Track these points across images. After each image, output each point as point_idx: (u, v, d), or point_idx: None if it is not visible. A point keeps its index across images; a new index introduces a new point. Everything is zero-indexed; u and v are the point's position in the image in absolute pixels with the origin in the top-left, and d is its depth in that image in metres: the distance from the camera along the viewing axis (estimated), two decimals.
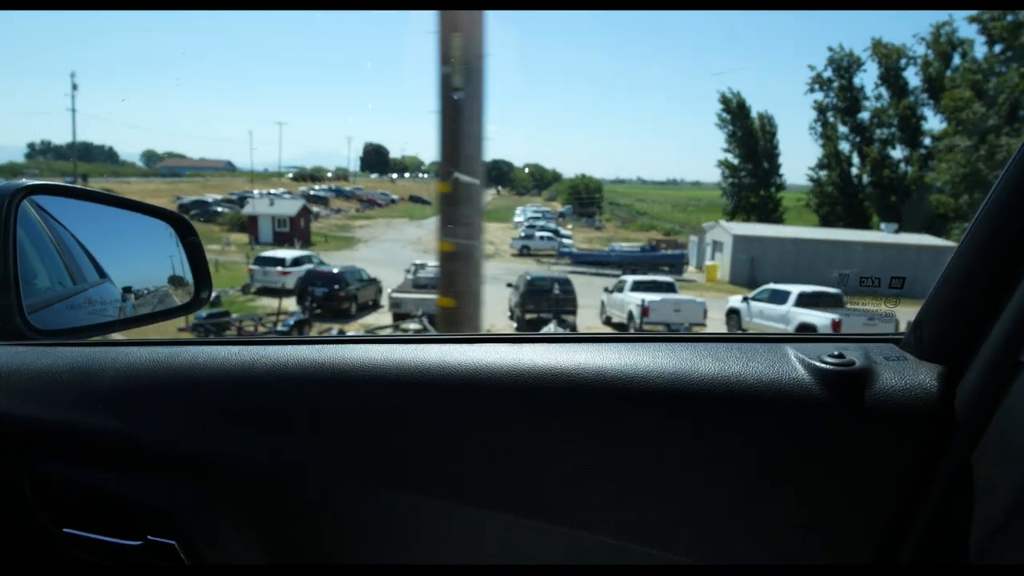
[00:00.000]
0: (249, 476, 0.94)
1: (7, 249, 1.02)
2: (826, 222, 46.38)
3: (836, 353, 0.87)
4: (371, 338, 1.03)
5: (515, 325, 17.60)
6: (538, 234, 42.25)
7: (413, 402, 0.91)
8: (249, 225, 38.99)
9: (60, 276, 1.28)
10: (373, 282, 20.44)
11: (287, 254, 23.79)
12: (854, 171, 48.68)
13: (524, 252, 39.61)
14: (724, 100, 56.00)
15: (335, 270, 19.50)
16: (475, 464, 0.90)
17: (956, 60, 42.27)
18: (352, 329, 16.61)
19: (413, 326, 15.93)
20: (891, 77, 46.52)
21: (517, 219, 62.32)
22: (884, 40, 46.66)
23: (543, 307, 17.00)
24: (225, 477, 0.95)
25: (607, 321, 18.82)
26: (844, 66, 48.06)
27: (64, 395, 0.96)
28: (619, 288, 18.94)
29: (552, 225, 50.78)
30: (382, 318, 18.43)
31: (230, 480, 0.95)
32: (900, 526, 0.82)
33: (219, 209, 45.52)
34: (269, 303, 20.19)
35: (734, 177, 56.33)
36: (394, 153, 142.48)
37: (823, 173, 49.84)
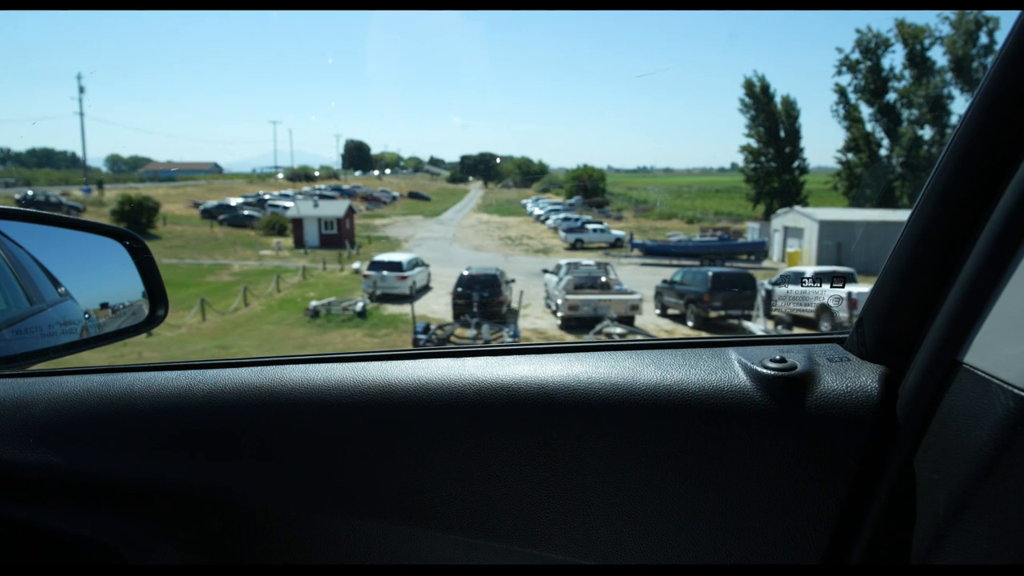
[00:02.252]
0: (190, 504, 0.92)
1: None
2: (855, 205, 46.50)
3: (778, 357, 0.87)
4: (310, 358, 0.98)
5: (691, 324, 16.68)
6: (590, 227, 41.39)
7: (353, 423, 0.89)
8: (294, 228, 37.25)
9: (15, 297, 1.24)
10: (508, 284, 19.32)
11: (402, 257, 22.46)
12: (883, 152, 48.92)
13: (578, 245, 38.76)
14: (748, 84, 55.92)
15: (488, 272, 18.29)
16: (418, 484, 0.89)
17: (983, 39, 42.66)
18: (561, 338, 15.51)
19: (617, 330, 14.89)
20: (917, 57, 46.71)
21: (536, 212, 61.25)
22: (908, 21, 46.84)
23: (732, 304, 16.08)
24: (166, 506, 0.92)
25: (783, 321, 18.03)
26: (872, 47, 48.11)
27: None
28: (784, 281, 18.08)
29: (584, 217, 49.96)
30: (539, 322, 17.33)
31: (171, 509, 0.92)
32: (847, 528, 0.82)
33: (246, 212, 43.45)
34: (398, 310, 18.90)
35: (755, 162, 56.41)
36: (374, 149, 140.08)
37: (851, 156, 49.77)
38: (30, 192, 41.52)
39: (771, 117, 55.45)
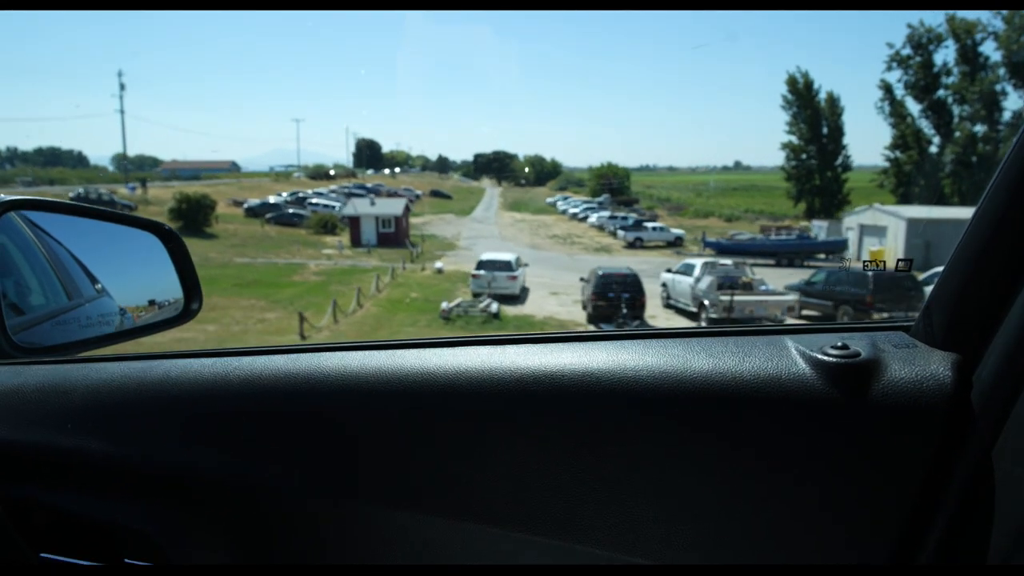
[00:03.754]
0: (224, 492, 0.92)
1: None
2: (904, 202, 45.77)
3: (840, 344, 0.82)
4: (347, 345, 0.97)
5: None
6: (649, 225, 40.68)
7: (390, 411, 0.88)
8: (351, 226, 36.35)
9: (54, 292, 1.27)
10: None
11: (509, 256, 21.64)
12: (932, 150, 48.24)
13: (637, 244, 38.04)
14: (791, 80, 55.13)
15: (624, 271, 17.46)
16: (456, 474, 0.87)
17: None
18: None
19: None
20: (969, 53, 46.01)
21: (571, 210, 60.39)
22: (959, 15, 46.10)
23: (897, 305, 15.28)
24: (200, 494, 0.93)
25: None
26: (923, 43, 47.41)
27: (33, 415, 0.94)
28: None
29: (631, 215, 49.20)
30: (678, 321, 16.51)
31: (205, 497, 0.93)
32: (917, 526, 0.77)
33: (291, 211, 42.53)
34: (515, 311, 18.04)
35: (796, 159, 55.67)
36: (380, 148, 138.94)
37: (899, 153, 49.05)
38: (81, 190, 40.69)
39: (815, 114, 54.69)
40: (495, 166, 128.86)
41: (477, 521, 0.87)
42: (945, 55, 47.73)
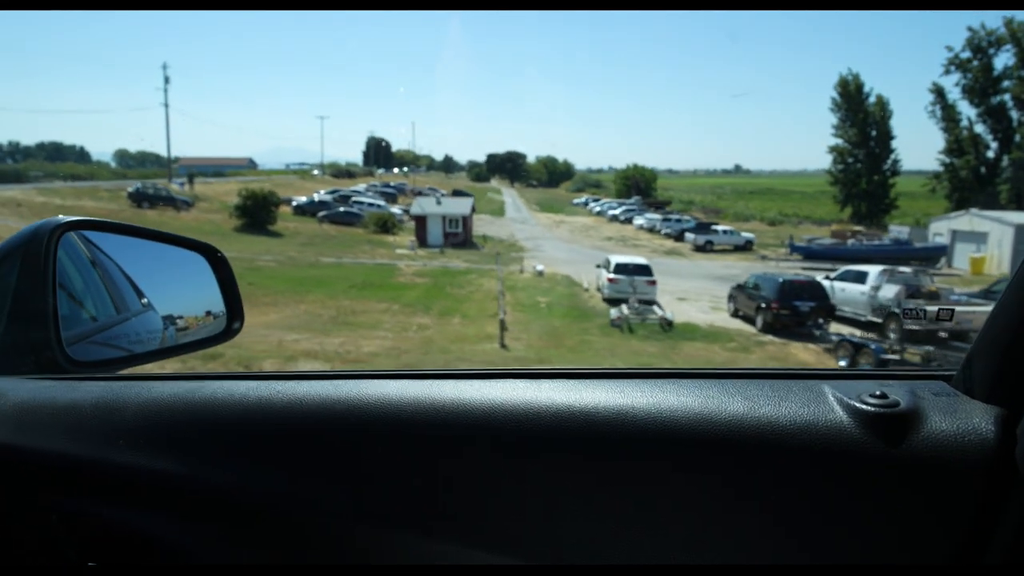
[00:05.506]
0: (263, 513, 0.95)
1: (47, 284, 1.08)
2: (960, 207, 44.98)
3: (878, 392, 0.80)
4: (385, 373, 1.01)
5: None
6: (719, 229, 39.72)
7: (429, 441, 0.89)
8: (417, 226, 35.05)
9: (105, 306, 1.34)
10: None
11: (643, 260, 20.44)
12: (990, 155, 47.43)
13: (707, 248, 37.02)
14: (842, 83, 54.25)
15: (806, 278, 16.31)
16: (488, 507, 0.88)
17: None
18: None
19: None
20: None
21: (611, 212, 59.30)
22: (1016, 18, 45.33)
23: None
24: (243, 515, 0.95)
25: None
26: (983, 46, 46.62)
27: (89, 430, 0.98)
28: None
29: (684, 216, 48.19)
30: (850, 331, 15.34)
31: (248, 518, 0.95)
32: None
33: (342, 209, 41.19)
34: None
35: (843, 163, 54.79)
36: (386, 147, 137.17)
37: (954, 159, 48.21)
38: (139, 184, 39.38)
39: (864, 117, 53.82)
40: (508, 166, 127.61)
41: (510, 555, 0.87)
42: (1005, 59, 46.60)
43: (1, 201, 28.87)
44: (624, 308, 16.75)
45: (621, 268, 19.47)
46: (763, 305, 15.87)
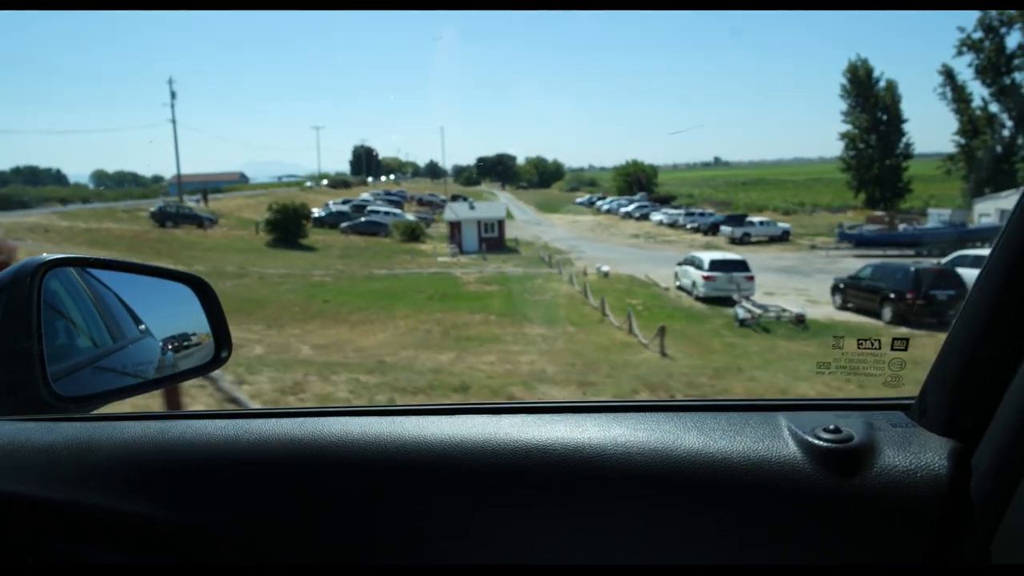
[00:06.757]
0: (229, 550, 0.95)
1: (30, 323, 1.06)
2: (978, 188, 44.80)
3: (832, 427, 0.80)
4: (347, 410, 1.01)
5: None
6: (755, 220, 39.07)
7: (390, 480, 0.90)
8: (451, 232, 33.94)
9: (101, 335, 1.34)
10: None
11: (736, 256, 19.55)
12: (1005, 133, 47.34)
13: (745, 240, 36.37)
14: (851, 69, 54.07)
15: (936, 266, 15.50)
16: (448, 548, 0.88)
17: None
18: None
19: None
20: None
21: (624, 210, 58.47)
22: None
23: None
24: (206, 552, 0.96)
25: None
26: (994, 25, 46.58)
27: (62, 472, 0.98)
28: None
29: (708, 211, 47.55)
30: None
31: (218, 557, 0.96)
32: None
33: (364, 219, 39.96)
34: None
35: (855, 149, 54.63)
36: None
37: (970, 140, 48.09)
38: (162, 203, 38.00)
39: (875, 102, 53.67)
40: (499, 169, 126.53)
41: None
42: (1017, 37, 46.53)
43: (28, 227, 27.36)
44: (748, 306, 15.84)
45: (717, 265, 18.64)
46: (891, 296, 15.07)
